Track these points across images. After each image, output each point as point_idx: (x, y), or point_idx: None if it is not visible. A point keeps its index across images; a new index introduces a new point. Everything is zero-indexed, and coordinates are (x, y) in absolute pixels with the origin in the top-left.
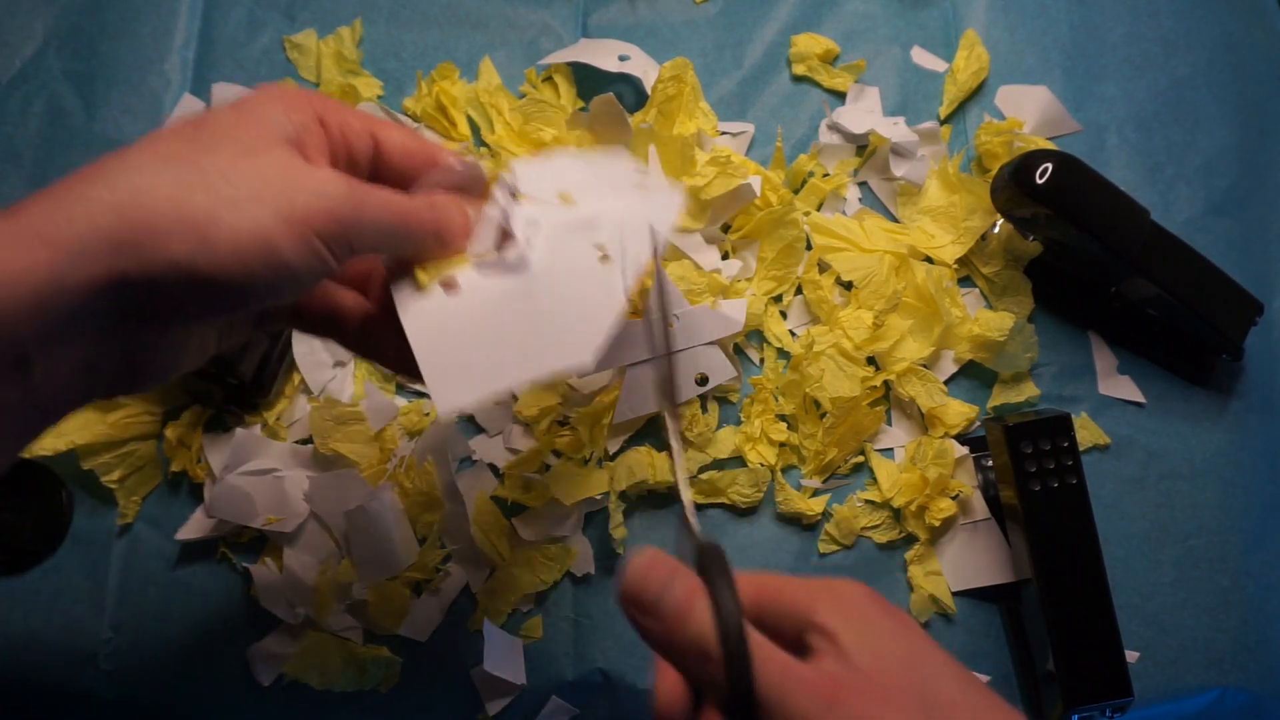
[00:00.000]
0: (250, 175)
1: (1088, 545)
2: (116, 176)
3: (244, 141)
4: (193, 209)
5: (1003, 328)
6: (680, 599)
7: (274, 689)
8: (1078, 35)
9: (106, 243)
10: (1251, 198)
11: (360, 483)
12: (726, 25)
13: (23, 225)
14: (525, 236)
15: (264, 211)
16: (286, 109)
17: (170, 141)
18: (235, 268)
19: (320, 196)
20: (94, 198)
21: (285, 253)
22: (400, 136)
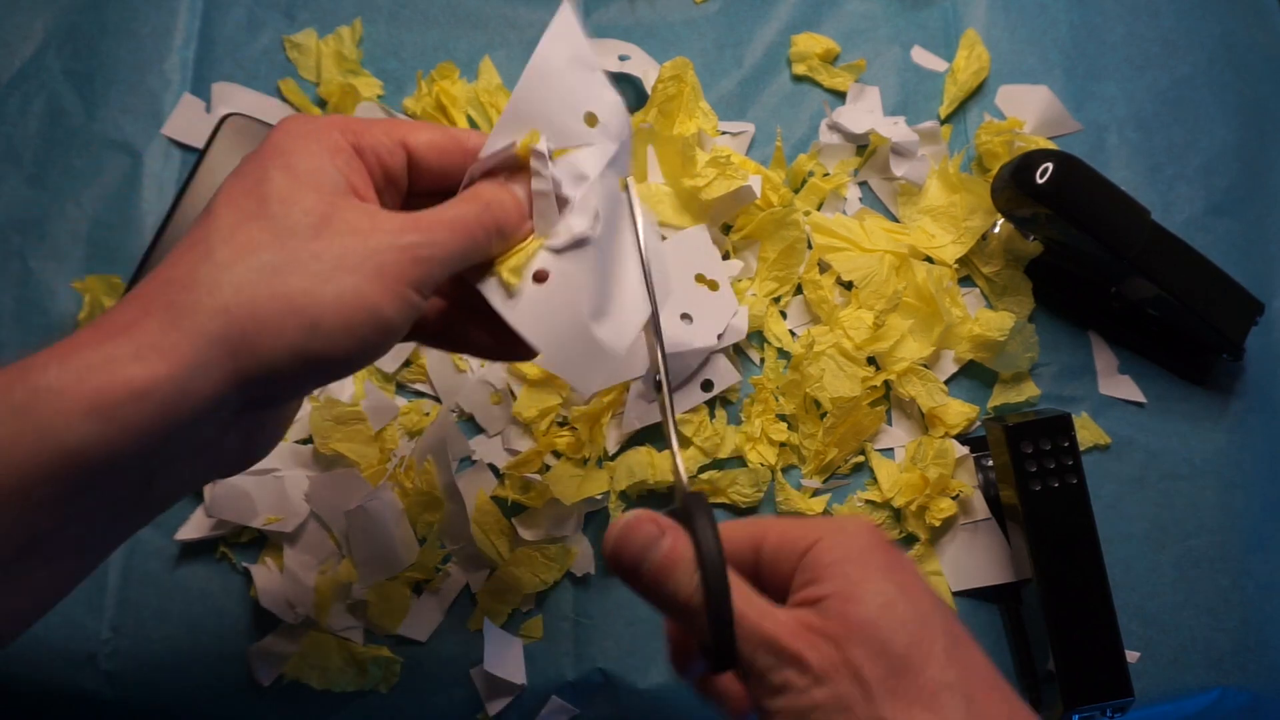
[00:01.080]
0: (332, 247)
1: (1088, 545)
2: (213, 280)
3: (312, 210)
4: (295, 296)
5: (1003, 328)
6: (660, 559)
7: (274, 689)
8: (1078, 35)
9: (222, 347)
10: (1252, 197)
11: (360, 483)
12: (726, 25)
13: (137, 341)
14: (579, 196)
15: (358, 280)
16: (329, 154)
17: (244, 228)
18: (347, 340)
19: (399, 248)
20: (199, 305)
21: (387, 312)
22: (428, 135)
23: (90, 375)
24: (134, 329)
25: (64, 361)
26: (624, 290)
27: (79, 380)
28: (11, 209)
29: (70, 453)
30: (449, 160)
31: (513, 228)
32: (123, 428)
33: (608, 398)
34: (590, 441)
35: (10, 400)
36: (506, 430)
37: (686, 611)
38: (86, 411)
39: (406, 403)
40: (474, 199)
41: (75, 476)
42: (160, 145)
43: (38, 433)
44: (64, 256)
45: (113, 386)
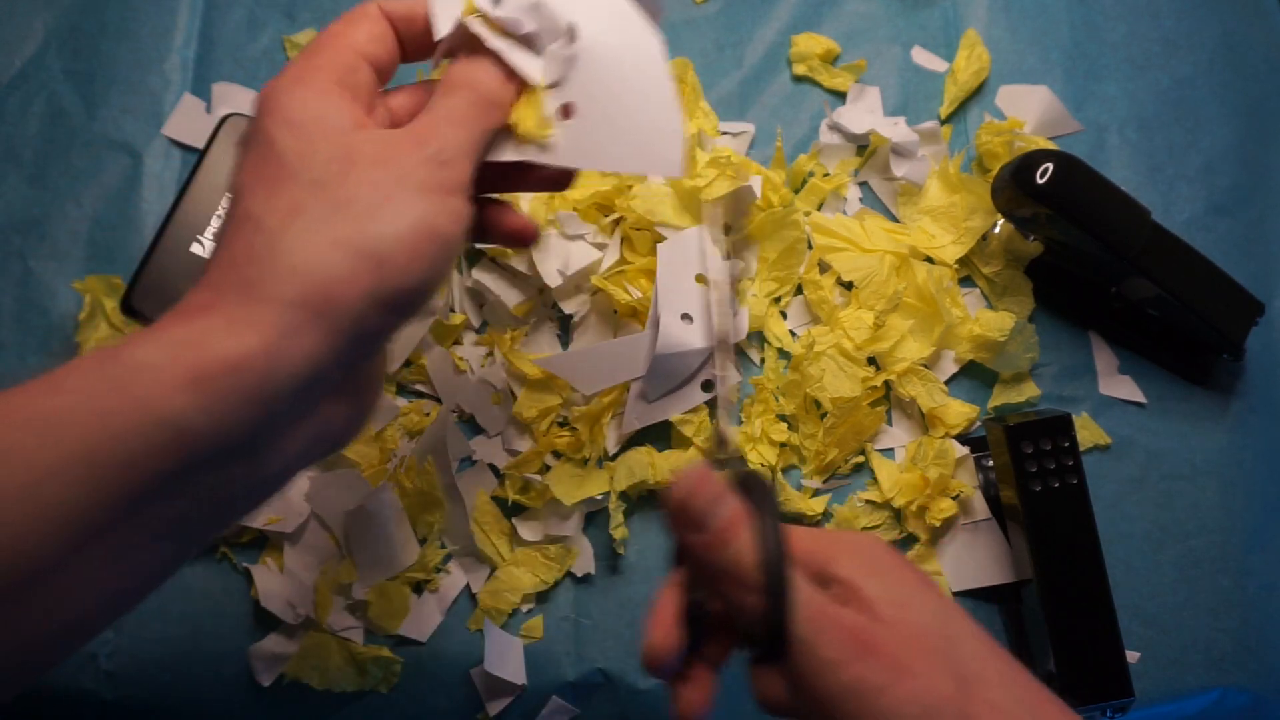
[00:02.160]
0: (365, 184)
1: (1088, 545)
2: (272, 248)
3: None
4: (353, 241)
5: (1003, 328)
6: (727, 519)
7: (274, 689)
8: (1078, 35)
9: (304, 309)
10: (1252, 197)
11: (360, 483)
12: (726, 25)
13: (224, 316)
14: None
15: (405, 205)
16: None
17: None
18: (416, 265)
19: (423, 161)
20: (269, 275)
21: (443, 226)
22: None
23: (185, 351)
24: (215, 308)
25: (156, 340)
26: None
27: (174, 356)
28: (11, 209)
29: (173, 426)
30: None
31: (500, 96)
32: (223, 401)
33: (608, 398)
34: (590, 441)
35: (107, 374)
36: (506, 430)
37: (742, 583)
38: (185, 385)
39: (406, 403)
40: (453, 87)
41: (178, 450)
42: (160, 145)
43: (139, 405)
44: (64, 256)
45: (208, 360)
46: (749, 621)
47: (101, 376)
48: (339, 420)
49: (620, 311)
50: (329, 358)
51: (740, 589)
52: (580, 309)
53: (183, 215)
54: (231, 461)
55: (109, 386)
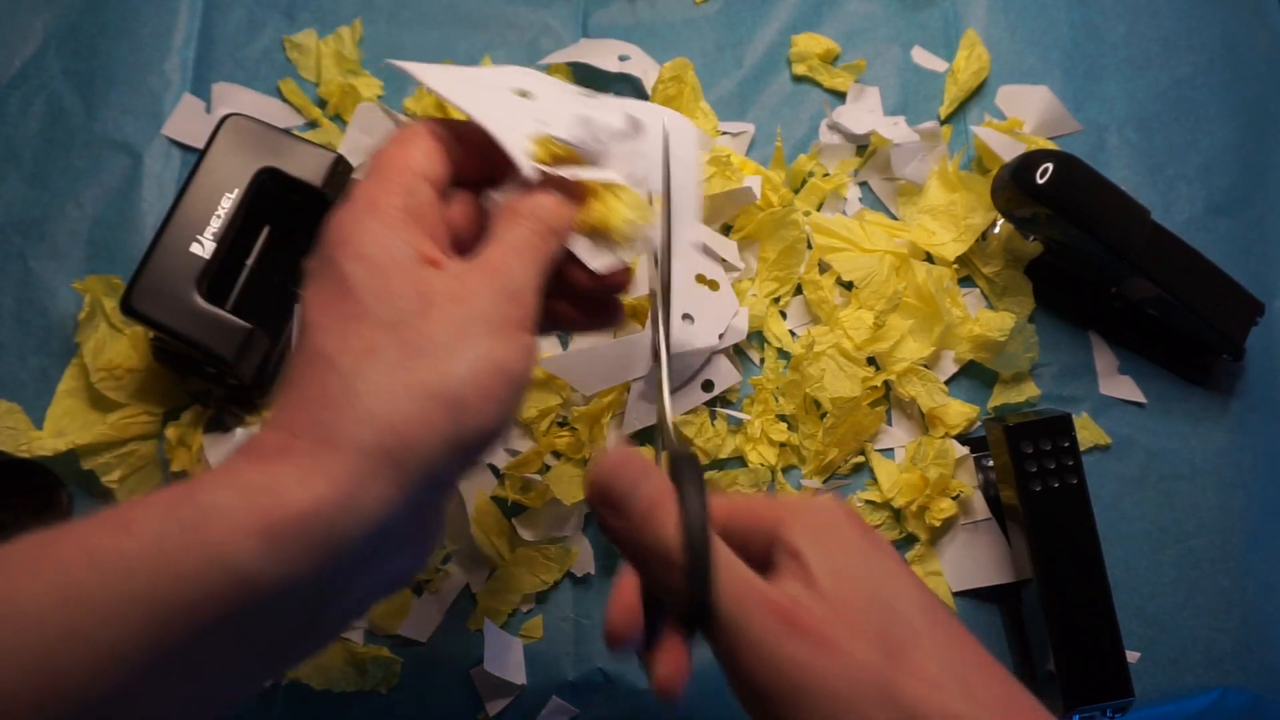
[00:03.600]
0: (440, 324)
1: (1088, 545)
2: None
3: (405, 294)
4: (430, 384)
5: (1003, 328)
6: (648, 498)
7: (274, 689)
8: (1078, 35)
9: (379, 457)
10: (1252, 197)
11: None
12: (726, 25)
13: (296, 465)
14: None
15: (481, 345)
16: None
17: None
18: (492, 408)
19: (496, 297)
20: (344, 420)
21: (513, 364)
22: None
23: (257, 498)
24: (288, 453)
25: (229, 484)
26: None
27: (246, 503)
28: (11, 209)
29: (240, 575)
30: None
31: (564, 222)
32: (290, 551)
33: (608, 398)
34: (590, 441)
35: (178, 516)
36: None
37: (666, 561)
38: (255, 534)
39: None
40: (516, 216)
41: (244, 599)
42: (160, 145)
43: (206, 551)
44: (64, 256)
45: (280, 508)
46: (678, 601)
47: (172, 519)
48: (405, 561)
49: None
50: (402, 505)
51: (666, 570)
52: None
53: (183, 215)
54: (296, 611)
55: (179, 528)
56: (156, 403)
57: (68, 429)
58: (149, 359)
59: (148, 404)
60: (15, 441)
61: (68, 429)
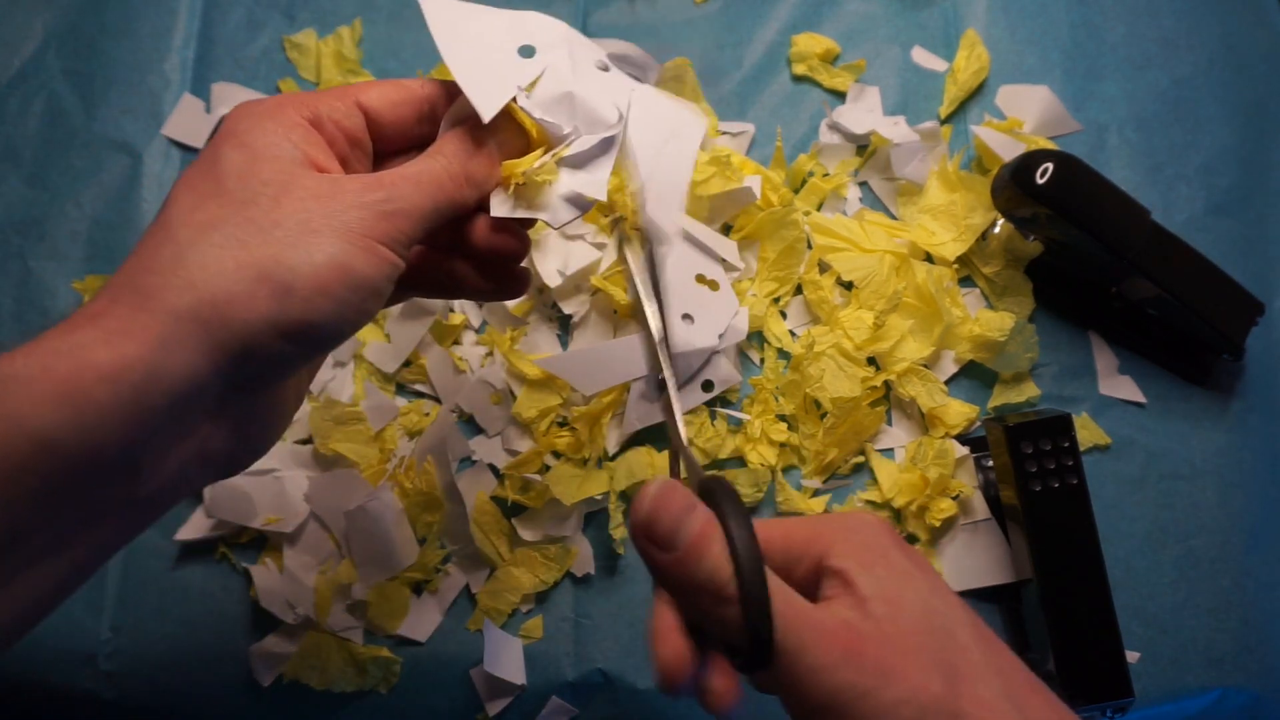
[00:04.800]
0: (294, 213)
1: (1088, 545)
2: (176, 259)
3: (270, 181)
4: (262, 264)
5: (1003, 328)
6: (696, 533)
7: (274, 689)
8: (1078, 35)
9: (192, 323)
10: (1252, 197)
11: (360, 483)
12: (726, 25)
13: (104, 327)
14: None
15: (325, 241)
16: (284, 129)
17: (203, 207)
18: (323, 303)
19: (363, 206)
20: (164, 285)
21: (360, 269)
22: (379, 90)
23: (57, 362)
24: (102, 316)
25: (30, 351)
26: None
27: (45, 368)
28: (11, 209)
29: (42, 441)
30: (405, 112)
31: (483, 176)
32: (95, 413)
33: (608, 398)
34: (590, 442)
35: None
36: (506, 430)
37: (718, 597)
38: (55, 398)
39: (406, 403)
40: (439, 153)
41: (51, 467)
42: (160, 145)
43: (7, 423)
44: (64, 256)
45: (80, 371)
46: (731, 633)
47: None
48: (225, 444)
49: (620, 311)
50: (211, 375)
51: (718, 603)
52: (580, 309)
53: None
54: (107, 478)
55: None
56: None
57: None
58: None
59: None
60: None
61: None
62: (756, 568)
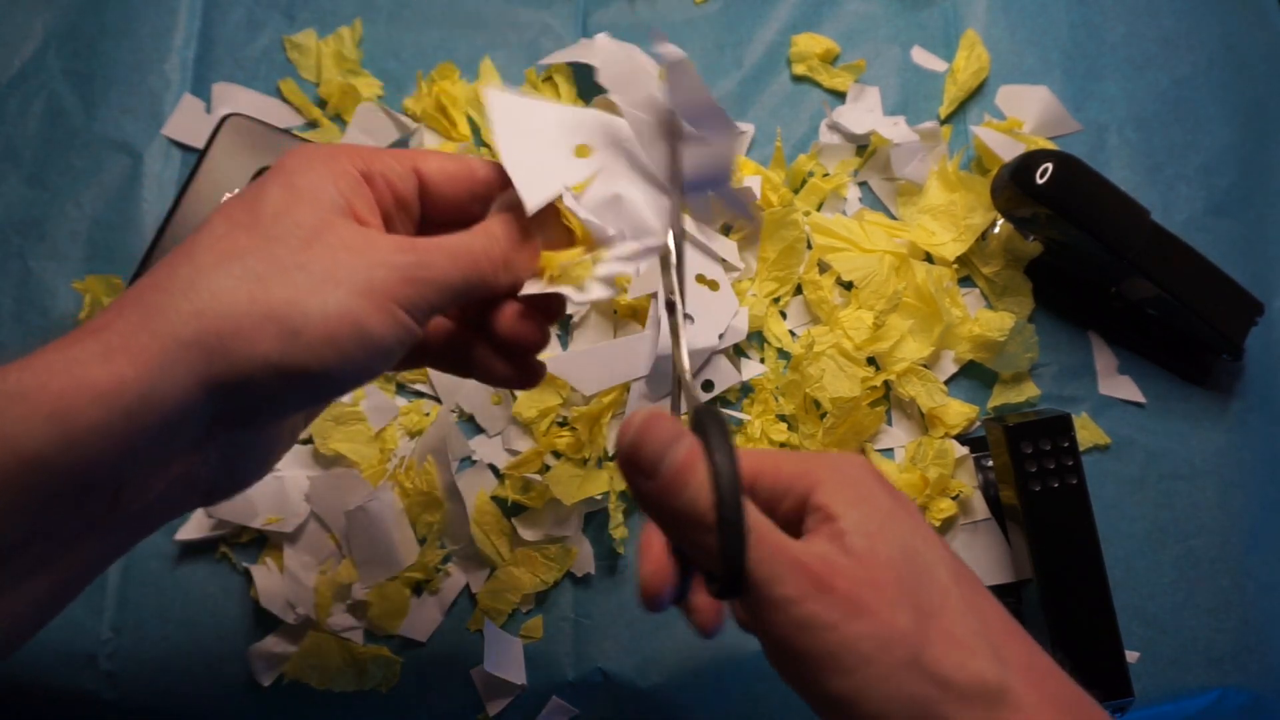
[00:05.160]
0: (321, 259)
1: (1088, 545)
2: (190, 283)
3: (304, 224)
4: (275, 303)
5: (1003, 328)
6: (680, 461)
7: (274, 689)
8: (1078, 35)
9: (193, 350)
10: (1252, 197)
11: (360, 483)
12: (726, 25)
13: (104, 343)
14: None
15: (344, 293)
16: (332, 176)
17: (232, 236)
18: (329, 354)
19: (392, 267)
20: (172, 307)
21: (374, 329)
22: (439, 162)
23: (53, 378)
24: (105, 331)
25: (29, 365)
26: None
27: (41, 384)
28: (11, 209)
29: (31, 459)
30: (460, 187)
31: (521, 264)
32: (85, 432)
33: (608, 398)
34: (590, 442)
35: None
36: (506, 430)
37: (698, 525)
38: (48, 415)
39: (406, 403)
40: (483, 233)
41: (37, 484)
42: (160, 145)
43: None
44: (64, 256)
45: (75, 388)
46: (708, 560)
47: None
48: (211, 473)
49: (620, 311)
50: (204, 404)
51: (697, 530)
52: (580, 309)
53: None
54: (92, 497)
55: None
56: None
57: None
58: None
59: None
60: None
61: None
62: (735, 498)
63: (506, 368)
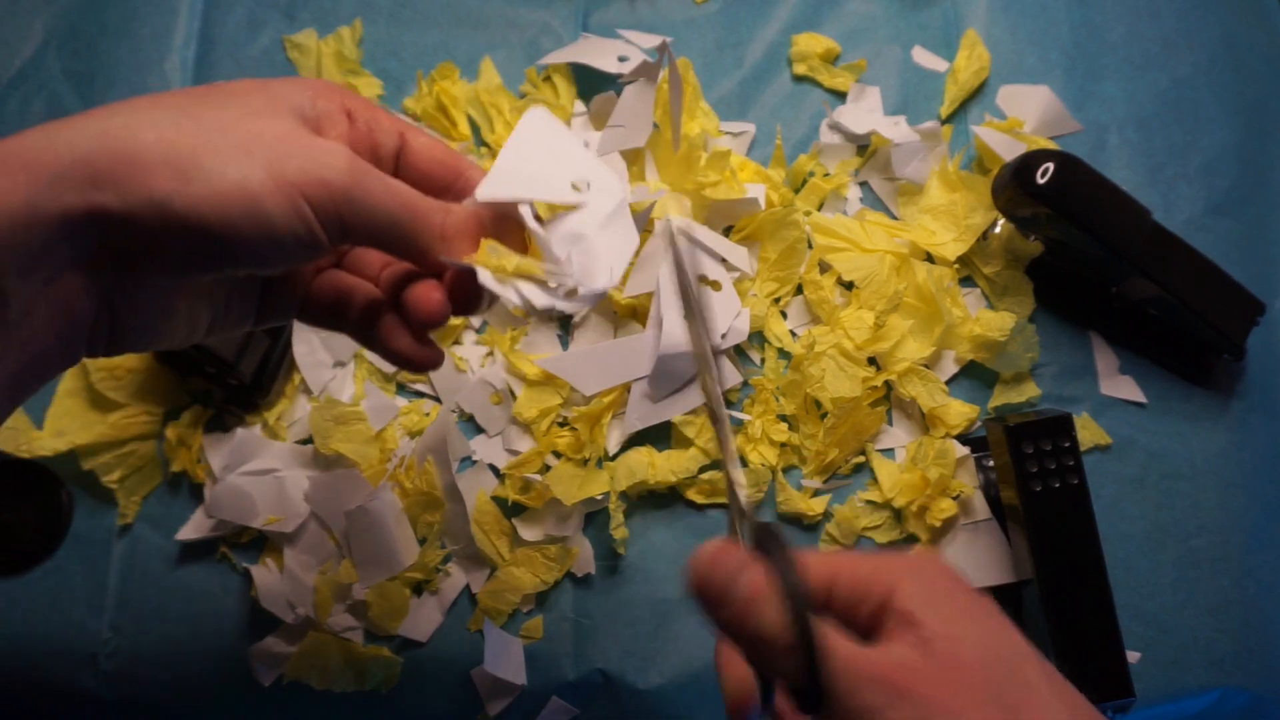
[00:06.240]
0: (246, 131)
1: (1089, 545)
2: (113, 114)
3: (252, 106)
4: (179, 149)
5: (1004, 328)
6: (749, 588)
7: (274, 689)
8: (1078, 35)
9: (86, 171)
10: (1252, 197)
11: (360, 483)
12: (727, 25)
13: (8, 150)
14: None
15: (252, 165)
16: (312, 93)
17: (179, 95)
18: (213, 215)
19: (317, 165)
20: (83, 128)
21: (270, 211)
22: (427, 140)
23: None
24: (15, 139)
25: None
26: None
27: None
28: None
29: None
30: (440, 171)
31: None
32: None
33: (608, 398)
34: (590, 441)
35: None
36: (506, 430)
37: (774, 648)
38: None
39: (406, 403)
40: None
41: None
42: None
43: None
44: None
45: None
46: (787, 678)
47: None
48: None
49: (620, 311)
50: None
51: (774, 655)
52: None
53: None
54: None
55: None
56: (156, 403)
57: (68, 429)
58: (149, 359)
59: (148, 404)
60: (15, 441)
61: (68, 429)
62: (805, 618)
63: (409, 343)
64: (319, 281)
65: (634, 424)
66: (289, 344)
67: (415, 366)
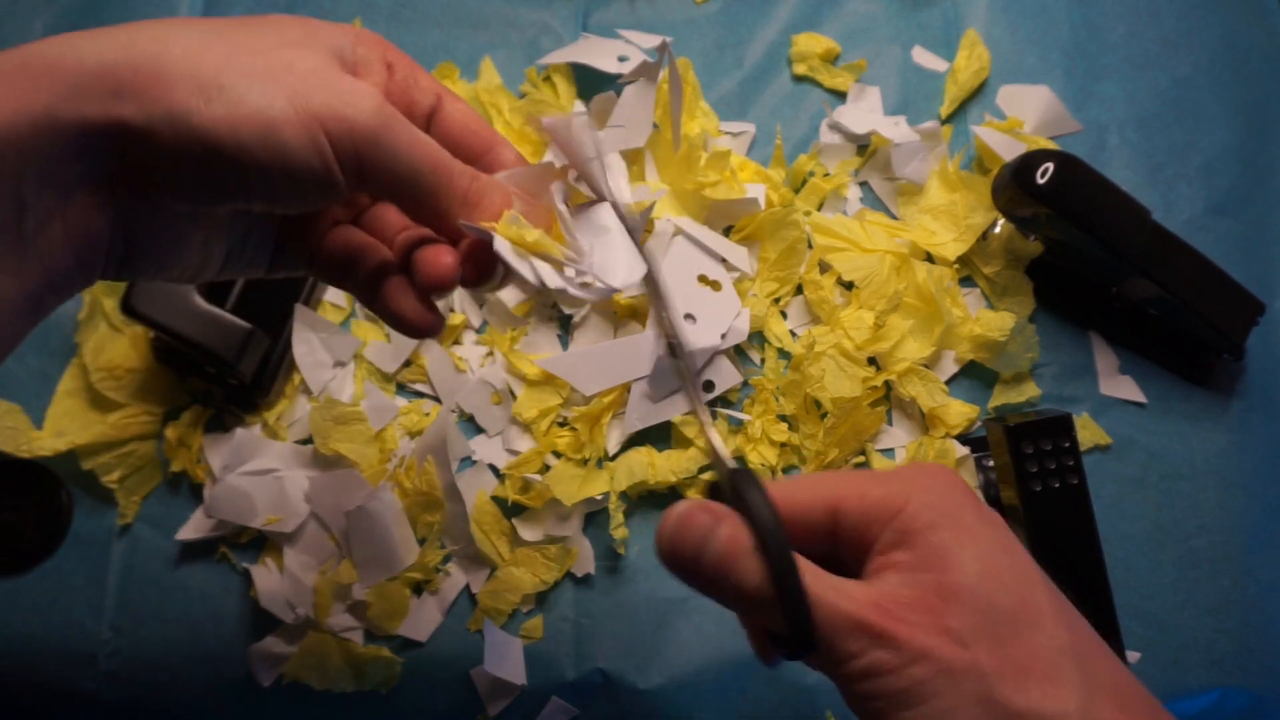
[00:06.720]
0: (278, 60)
1: (1089, 545)
2: (144, 26)
3: (288, 37)
4: (204, 67)
5: (1004, 328)
6: (720, 549)
7: (274, 689)
8: (1078, 35)
9: (109, 81)
10: (1253, 197)
11: (360, 483)
12: (727, 25)
13: (33, 55)
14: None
15: (276, 92)
16: (354, 38)
17: (216, 20)
18: (229, 138)
19: (344, 103)
20: (113, 37)
21: (287, 141)
22: (466, 109)
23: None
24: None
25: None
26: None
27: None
28: None
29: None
30: (472, 141)
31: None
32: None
33: (608, 398)
34: (590, 441)
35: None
36: (506, 430)
37: (756, 602)
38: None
39: (406, 403)
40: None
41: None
42: None
43: None
44: None
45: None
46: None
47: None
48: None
49: (620, 311)
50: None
51: (760, 610)
52: (580, 309)
53: None
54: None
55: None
56: (156, 403)
57: (68, 429)
58: (149, 359)
59: (148, 404)
60: (15, 441)
61: (68, 429)
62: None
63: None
64: (333, 235)
65: (634, 424)
66: (289, 344)
67: (415, 330)
